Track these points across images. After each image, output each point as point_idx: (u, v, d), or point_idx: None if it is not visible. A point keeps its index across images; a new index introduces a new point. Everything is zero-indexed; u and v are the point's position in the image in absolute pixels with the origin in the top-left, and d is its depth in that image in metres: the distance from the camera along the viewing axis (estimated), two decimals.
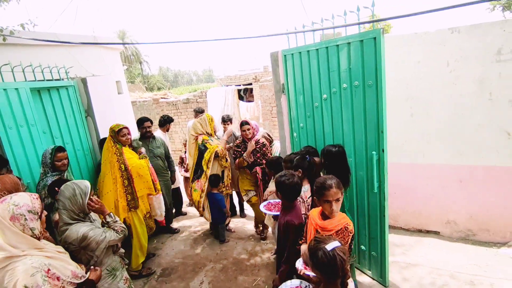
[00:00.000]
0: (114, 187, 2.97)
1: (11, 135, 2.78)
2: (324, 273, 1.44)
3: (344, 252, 1.43)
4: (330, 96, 2.79)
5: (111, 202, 2.92)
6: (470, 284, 2.71)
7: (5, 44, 3.06)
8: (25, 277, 1.35)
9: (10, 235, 1.41)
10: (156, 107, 7.87)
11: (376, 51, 2.36)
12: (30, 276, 1.36)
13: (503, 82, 2.88)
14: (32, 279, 1.36)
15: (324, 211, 1.91)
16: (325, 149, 2.59)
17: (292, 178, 2.16)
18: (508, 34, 2.76)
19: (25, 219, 1.45)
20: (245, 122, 3.64)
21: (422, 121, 3.29)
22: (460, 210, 3.33)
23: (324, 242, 1.47)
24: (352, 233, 1.86)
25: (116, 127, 3.12)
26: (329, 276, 1.43)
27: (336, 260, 1.39)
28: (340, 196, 1.85)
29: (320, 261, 1.41)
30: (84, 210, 1.92)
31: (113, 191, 2.98)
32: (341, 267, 1.40)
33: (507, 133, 2.97)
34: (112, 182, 2.98)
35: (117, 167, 3.01)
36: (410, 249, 3.29)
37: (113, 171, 3.00)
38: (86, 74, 3.88)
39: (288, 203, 2.20)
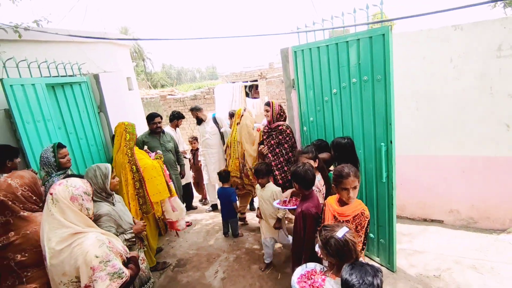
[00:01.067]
0: (125, 189, 2.95)
1: (29, 130, 2.84)
2: (339, 258, 1.56)
3: (353, 236, 1.56)
4: (340, 90, 2.90)
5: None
6: (472, 268, 2.86)
7: (20, 41, 3.11)
8: (94, 248, 1.46)
9: (70, 214, 1.51)
10: (164, 104, 7.93)
11: (384, 47, 2.47)
12: (99, 248, 1.48)
13: (503, 77, 3.02)
14: (101, 250, 1.48)
15: (341, 198, 2.02)
16: (335, 141, 2.69)
17: (304, 166, 2.27)
18: (508, 31, 2.90)
19: (82, 199, 1.57)
20: (267, 102, 3.46)
21: (426, 115, 3.43)
22: (463, 200, 3.48)
23: (333, 230, 1.59)
24: (368, 218, 1.98)
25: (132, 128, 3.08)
26: (344, 260, 1.54)
27: (349, 244, 1.52)
28: (357, 184, 1.96)
29: (334, 248, 1.53)
30: (106, 190, 2.13)
31: (123, 192, 2.94)
32: (353, 250, 1.53)
33: (507, 125, 3.12)
34: (124, 184, 2.95)
35: (129, 169, 2.97)
36: (416, 237, 3.43)
37: (124, 172, 2.97)
38: (97, 70, 3.93)
39: (305, 192, 2.30)
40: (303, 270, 1.88)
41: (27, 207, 1.87)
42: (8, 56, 2.82)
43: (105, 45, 4.11)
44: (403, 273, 2.87)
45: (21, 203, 1.84)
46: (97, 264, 1.44)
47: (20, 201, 1.84)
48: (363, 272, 1.34)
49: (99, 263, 1.45)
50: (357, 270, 1.35)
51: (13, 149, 2.62)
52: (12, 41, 3.09)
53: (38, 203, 1.95)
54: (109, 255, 1.50)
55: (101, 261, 1.46)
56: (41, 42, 3.44)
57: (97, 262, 1.45)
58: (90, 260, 1.44)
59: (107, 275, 1.45)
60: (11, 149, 2.59)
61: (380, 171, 2.72)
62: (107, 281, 1.44)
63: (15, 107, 2.71)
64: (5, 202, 1.80)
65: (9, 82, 2.68)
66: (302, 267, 1.90)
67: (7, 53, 2.87)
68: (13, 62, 2.79)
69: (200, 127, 4.52)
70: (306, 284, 1.77)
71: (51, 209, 1.50)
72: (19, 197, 1.84)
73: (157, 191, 3.09)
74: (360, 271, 1.34)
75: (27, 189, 1.90)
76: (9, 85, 2.66)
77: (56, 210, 1.50)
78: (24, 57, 2.96)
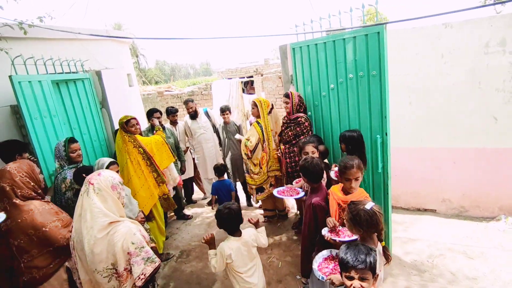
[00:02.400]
0: (139, 171, 3.14)
1: (36, 125, 2.92)
2: (366, 228, 1.69)
3: (379, 208, 1.73)
4: (337, 85, 3.02)
5: (137, 185, 3.09)
6: (463, 253, 3.02)
7: (26, 38, 3.17)
8: (130, 236, 1.60)
9: (111, 203, 1.63)
10: (161, 100, 8.00)
11: (379, 44, 2.59)
12: (133, 235, 1.61)
13: (490, 72, 3.18)
14: (135, 237, 1.61)
15: (344, 187, 2.16)
16: (346, 135, 2.73)
17: (312, 160, 2.39)
18: (495, 28, 3.06)
19: (120, 188, 1.70)
20: (286, 94, 3.36)
21: (419, 108, 3.58)
22: (454, 189, 3.64)
23: (361, 204, 1.75)
24: None
25: (124, 119, 3.18)
26: (371, 230, 1.70)
27: (377, 215, 1.68)
28: (359, 175, 2.11)
29: (364, 218, 1.68)
30: None
31: (138, 174, 3.14)
32: (380, 220, 1.68)
33: (495, 118, 3.29)
34: (137, 167, 3.14)
35: (136, 152, 3.17)
36: (410, 226, 3.59)
37: (133, 156, 3.14)
38: (99, 67, 4.00)
39: (314, 185, 2.42)
40: (320, 258, 1.98)
41: (24, 193, 1.99)
42: (15, 53, 2.89)
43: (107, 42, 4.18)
44: (398, 260, 3.01)
45: (19, 188, 1.98)
46: (133, 250, 1.58)
47: (18, 186, 1.98)
48: (357, 250, 1.45)
49: (134, 249, 1.58)
50: (352, 249, 1.47)
51: (21, 143, 2.70)
52: (18, 38, 3.15)
53: (37, 189, 2.08)
54: (143, 242, 1.63)
55: (137, 247, 1.59)
56: (45, 39, 3.50)
57: (133, 248, 1.58)
58: (128, 247, 1.57)
59: (142, 260, 1.59)
60: (20, 144, 2.67)
61: (376, 161, 2.85)
62: (142, 265, 1.58)
63: (23, 103, 2.78)
64: (4, 188, 1.94)
65: (18, 79, 2.75)
66: (318, 255, 2.00)
67: (13, 50, 2.94)
68: (21, 60, 2.86)
69: (195, 121, 4.52)
70: (328, 270, 1.87)
71: (93, 199, 1.60)
72: (17, 182, 1.98)
73: (165, 158, 3.48)
74: (354, 249, 1.46)
75: (25, 175, 2.03)
76: (17, 82, 2.74)
77: (98, 199, 1.60)
78: (31, 54, 3.03)
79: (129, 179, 3.07)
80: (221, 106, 4.41)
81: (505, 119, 3.25)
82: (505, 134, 3.28)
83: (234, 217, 2.16)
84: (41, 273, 1.94)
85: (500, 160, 3.36)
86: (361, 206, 1.72)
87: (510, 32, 3.05)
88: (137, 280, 1.56)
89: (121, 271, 1.57)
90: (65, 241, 1.95)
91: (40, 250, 1.94)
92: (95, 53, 4.06)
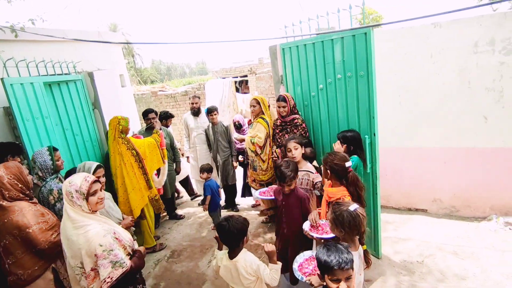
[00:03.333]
0: (132, 173, 3.18)
1: (28, 127, 2.94)
2: (348, 229, 1.70)
3: (363, 211, 1.73)
4: (326, 86, 3.04)
5: (129, 187, 3.14)
6: (453, 253, 3.02)
7: (18, 40, 3.20)
8: (99, 237, 1.58)
9: (69, 208, 1.65)
10: (155, 100, 8.04)
11: (366, 45, 2.60)
12: (103, 237, 1.60)
13: (480, 72, 3.19)
14: (105, 239, 1.60)
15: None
16: (348, 135, 2.71)
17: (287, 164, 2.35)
18: (484, 28, 3.06)
19: (72, 196, 1.66)
20: (282, 98, 3.25)
21: (410, 108, 3.59)
22: (445, 189, 3.65)
23: (345, 205, 1.75)
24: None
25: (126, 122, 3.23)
26: (353, 232, 1.70)
27: (360, 217, 1.68)
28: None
29: (347, 219, 1.68)
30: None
31: (131, 176, 3.18)
32: (362, 223, 1.69)
33: (485, 117, 3.29)
34: (130, 169, 3.17)
35: (130, 154, 3.20)
36: (401, 225, 3.59)
37: (126, 159, 3.17)
38: (92, 68, 4.03)
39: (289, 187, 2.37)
40: (302, 258, 1.97)
41: (12, 195, 2.02)
42: (7, 55, 2.92)
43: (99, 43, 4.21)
44: (388, 260, 3.02)
45: (6, 190, 2.00)
46: (100, 252, 1.56)
47: (6, 188, 2.00)
48: (339, 251, 1.46)
49: (102, 251, 1.57)
50: (333, 251, 1.47)
51: (16, 146, 2.71)
52: (9, 41, 3.19)
53: (25, 190, 2.09)
54: (113, 244, 1.62)
55: (105, 250, 1.58)
56: (37, 41, 3.53)
57: (101, 250, 1.57)
58: (95, 248, 1.56)
59: (109, 263, 1.57)
60: (14, 146, 2.69)
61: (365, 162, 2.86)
62: (109, 268, 1.57)
63: (15, 105, 2.81)
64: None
65: (10, 81, 2.78)
66: (299, 255, 2.00)
67: (5, 53, 2.97)
68: (13, 62, 2.89)
69: (195, 120, 4.49)
70: (308, 270, 1.86)
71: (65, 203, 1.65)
72: (5, 185, 2.00)
73: (155, 161, 3.55)
74: (336, 251, 1.47)
75: (13, 177, 2.04)
76: (9, 84, 2.77)
77: (65, 205, 1.65)
78: (23, 57, 3.06)
79: (123, 181, 3.11)
80: (209, 106, 4.34)
81: (495, 118, 3.25)
82: (495, 134, 3.29)
83: (231, 234, 1.84)
84: (26, 274, 1.95)
85: (490, 160, 3.36)
86: (344, 207, 1.73)
87: (499, 32, 3.05)
88: (103, 283, 1.56)
89: (88, 271, 1.57)
90: (47, 244, 1.96)
91: (24, 251, 1.95)
92: (88, 55, 4.09)
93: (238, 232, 1.85)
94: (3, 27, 2.98)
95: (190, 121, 4.56)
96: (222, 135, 4.20)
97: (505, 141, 3.26)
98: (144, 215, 3.26)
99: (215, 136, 4.22)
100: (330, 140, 3.15)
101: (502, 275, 2.67)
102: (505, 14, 3.01)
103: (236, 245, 1.89)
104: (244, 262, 1.87)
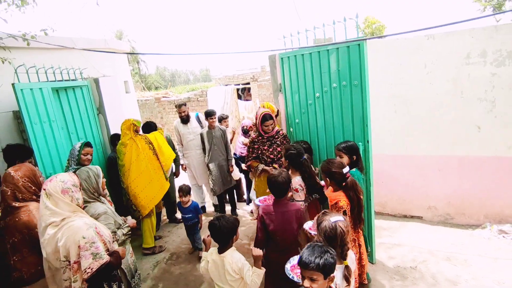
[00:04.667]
0: (150, 165, 3.47)
1: (36, 130, 3.08)
2: (325, 239, 1.72)
3: (345, 226, 1.72)
4: (322, 94, 3.14)
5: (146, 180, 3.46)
6: (446, 260, 3.07)
7: (28, 48, 3.36)
8: (82, 230, 1.68)
9: (63, 205, 1.73)
10: (158, 106, 8.19)
11: (360, 55, 2.71)
12: (86, 230, 1.69)
13: (472, 82, 3.28)
14: (88, 232, 1.69)
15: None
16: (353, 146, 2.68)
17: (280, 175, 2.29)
18: (475, 40, 3.17)
19: (71, 191, 1.78)
20: (269, 116, 3.27)
21: (404, 117, 3.68)
22: (440, 197, 3.71)
23: (330, 215, 1.79)
24: (343, 209, 2.19)
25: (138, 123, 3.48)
26: (331, 243, 1.69)
27: (337, 230, 1.68)
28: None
29: (324, 229, 1.72)
30: (98, 189, 2.30)
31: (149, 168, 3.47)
32: (340, 237, 1.67)
33: (477, 126, 3.37)
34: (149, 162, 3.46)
35: (148, 148, 3.47)
36: (396, 232, 3.65)
37: (146, 152, 3.46)
38: (97, 74, 4.19)
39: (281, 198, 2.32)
40: (295, 260, 1.98)
41: (25, 197, 2.12)
42: (18, 62, 3.07)
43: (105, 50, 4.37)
44: (382, 265, 3.07)
45: (20, 193, 2.10)
46: (83, 244, 1.65)
47: (20, 191, 2.10)
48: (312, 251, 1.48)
49: (85, 243, 1.66)
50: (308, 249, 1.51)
51: (26, 150, 2.78)
52: (21, 48, 3.35)
53: (37, 192, 2.20)
54: (95, 237, 1.71)
55: (87, 242, 1.67)
56: (47, 49, 3.70)
57: (84, 242, 1.66)
58: (78, 240, 1.65)
59: (90, 254, 1.66)
60: (24, 149, 2.76)
61: None
62: (90, 259, 1.66)
63: (25, 109, 2.95)
64: (6, 192, 2.09)
65: (20, 87, 2.93)
66: (293, 257, 2.02)
67: (16, 59, 3.13)
68: (23, 68, 3.05)
69: (185, 126, 4.42)
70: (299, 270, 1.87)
71: (46, 202, 1.71)
72: (19, 187, 2.10)
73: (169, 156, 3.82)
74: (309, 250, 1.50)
75: (27, 180, 2.15)
76: (19, 89, 2.91)
77: (50, 203, 1.71)
78: (33, 63, 3.22)
79: (138, 175, 3.37)
80: (207, 110, 4.26)
81: (487, 128, 3.33)
82: (488, 143, 3.36)
83: (220, 233, 1.94)
84: (29, 273, 2.04)
85: (483, 168, 3.43)
86: (327, 217, 1.76)
87: (490, 44, 3.15)
88: (84, 273, 1.64)
89: (72, 263, 1.65)
90: None
91: (30, 250, 2.04)
92: (93, 61, 4.25)
93: (228, 230, 1.96)
94: (15, 35, 3.14)
95: (181, 128, 4.47)
96: (219, 139, 4.19)
97: (497, 150, 3.34)
98: (151, 212, 3.40)
99: (212, 140, 4.17)
100: (326, 146, 3.24)
101: (493, 281, 2.72)
102: (496, 27, 3.12)
103: (226, 242, 2.00)
104: (231, 258, 1.96)
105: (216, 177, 4.22)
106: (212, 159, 4.22)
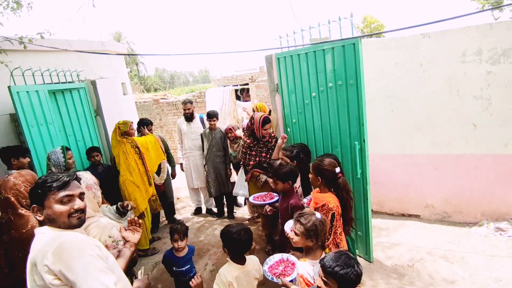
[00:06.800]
0: (136, 169, 3.45)
1: (33, 133, 3.09)
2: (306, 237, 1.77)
3: (323, 222, 1.78)
4: (318, 94, 3.15)
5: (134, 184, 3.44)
6: (443, 258, 3.08)
7: (24, 51, 3.37)
8: (107, 230, 1.73)
9: (87, 202, 1.74)
10: (157, 108, 8.19)
11: (355, 55, 2.72)
12: (111, 229, 1.74)
13: (468, 80, 3.29)
14: (113, 231, 1.74)
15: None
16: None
17: (288, 165, 2.51)
18: (471, 38, 3.18)
19: (94, 188, 1.83)
20: (268, 119, 3.35)
21: (401, 116, 3.69)
22: (437, 195, 3.71)
23: (309, 213, 1.83)
24: (332, 211, 2.13)
25: (125, 125, 3.45)
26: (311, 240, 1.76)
27: (317, 227, 1.75)
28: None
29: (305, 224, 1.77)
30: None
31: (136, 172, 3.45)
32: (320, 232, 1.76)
33: (473, 124, 3.38)
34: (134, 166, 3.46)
35: (133, 152, 3.45)
36: (394, 231, 3.66)
37: (131, 157, 3.45)
38: (94, 76, 4.19)
39: (287, 187, 2.51)
40: (272, 261, 2.05)
41: (29, 202, 2.11)
42: (14, 65, 3.08)
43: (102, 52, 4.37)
44: (379, 264, 3.08)
45: (24, 198, 2.09)
46: (110, 243, 1.69)
47: (23, 196, 2.09)
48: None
49: (112, 242, 1.70)
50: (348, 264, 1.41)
51: (21, 148, 2.84)
52: (17, 51, 3.36)
53: None
54: (119, 236, 1.74)
55: (114, 241, 1.71)
56: (43, 51, 3.71)
57: (111, 241, 1.70)
58: (105, 239, 1.69)
59: (117, 253, 1.68)
60: (18, 149, 2.81)
61: (355, 168, 2.95)
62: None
63: (21, 112, 2.96)
64: (9, 199, 2.05)
65: (16, 89, 2.94)
66: (269, 258, 2.07)
67: (12, 62, 3.13)
68: (19, 71, 3.06)
69: (188, 125, 4.40)
70: (278, 271, 1.94)
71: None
72: (22, 193, 2.09)
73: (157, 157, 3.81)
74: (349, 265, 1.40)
75: (29, 185, 2.14)
76: (16, 92, 2.92)
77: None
78: (29, 66, 3.23)
79: (126, 178, 3.36)
80: (209, 111, 4.28)
81: (483, 126, 3.34)
82: (484, 141, 3.37)
83: (244, 241, 1.95)
84: None
85: (480, 166, 3.43)
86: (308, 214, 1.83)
87: (485, 42, 3.16)
88: None
89: None
90: None
91: None
92: (91, 63, 4.26)
93: (251, 238, 2.05)
94: (12, 38, 3.15)
95: (184, 126, 4.46)
96: (218, 141, 4.19)
97: (493, 148, 3.34)
98: (144, 214, 3.41)
99: (211, 141, 4.17)
100: (323, 145, 3.24)
101: (490, 279, 2.73)
102: (491, 25, 3.12)
103: (245, 252, 2.07)
104: (252, 263, 2.08)
105: (212, 179, 4.23)
106: (209, 160, 4.23)
